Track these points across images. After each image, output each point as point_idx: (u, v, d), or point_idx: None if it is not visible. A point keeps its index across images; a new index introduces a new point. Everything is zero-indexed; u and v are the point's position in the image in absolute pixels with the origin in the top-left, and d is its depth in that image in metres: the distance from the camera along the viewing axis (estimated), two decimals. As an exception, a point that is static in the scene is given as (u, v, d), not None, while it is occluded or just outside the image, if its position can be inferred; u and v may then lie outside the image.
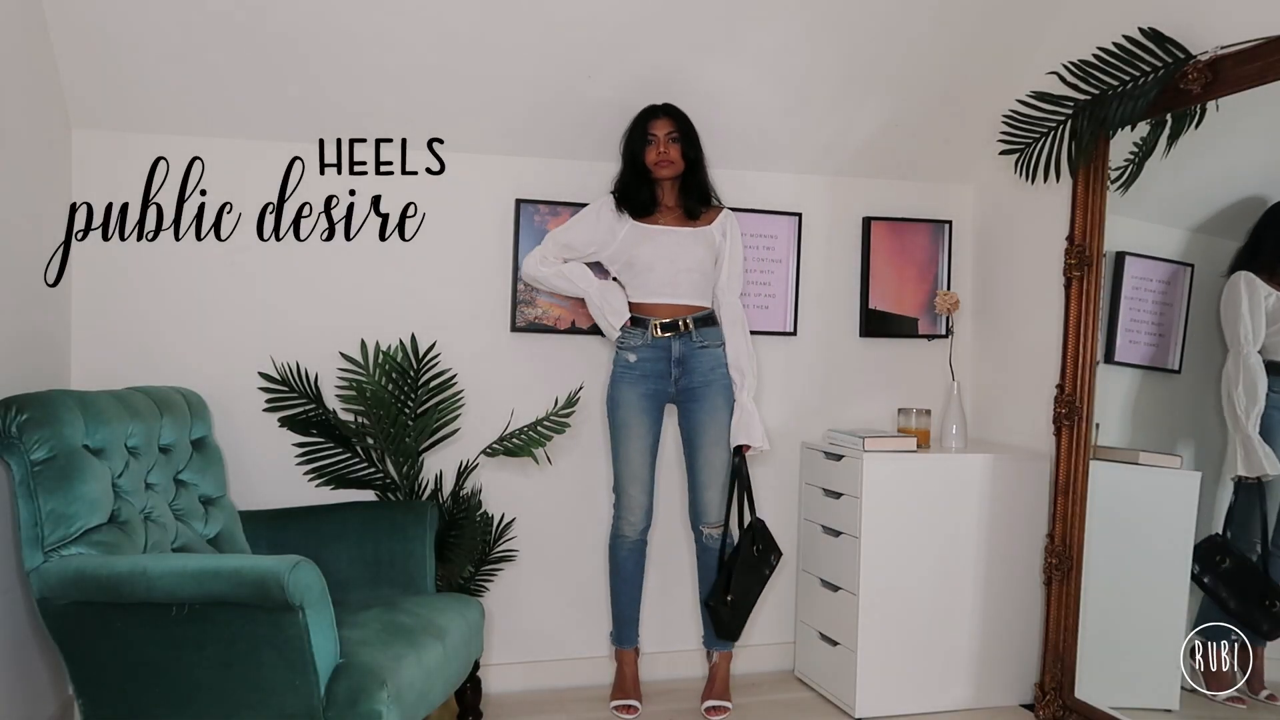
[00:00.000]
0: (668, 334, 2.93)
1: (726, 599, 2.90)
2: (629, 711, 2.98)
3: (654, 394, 2.96)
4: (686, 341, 2.94)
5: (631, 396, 2.94)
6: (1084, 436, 2.85)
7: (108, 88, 2.72)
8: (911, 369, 3.52)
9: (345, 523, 2.69)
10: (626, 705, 3.00)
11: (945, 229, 3.52)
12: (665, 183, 2.98)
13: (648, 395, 2.95)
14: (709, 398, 2.94)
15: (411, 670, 2.09)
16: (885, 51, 3.10)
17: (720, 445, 2.94)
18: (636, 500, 2.97)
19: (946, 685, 3.06)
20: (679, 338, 2.93)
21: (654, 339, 2.93)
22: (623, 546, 3.02)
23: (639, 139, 2.94)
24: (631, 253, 2.95)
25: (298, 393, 2.81)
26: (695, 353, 2.94)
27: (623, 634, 3.06)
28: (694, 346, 2.94)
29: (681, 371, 2.95)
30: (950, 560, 3.04)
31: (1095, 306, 2.85)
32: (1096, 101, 2.77)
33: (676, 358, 2.94)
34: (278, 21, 2.65)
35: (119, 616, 2.00)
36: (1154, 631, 2.74)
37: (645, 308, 2.96)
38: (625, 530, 3.00)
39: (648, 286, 2.95)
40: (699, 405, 2.95)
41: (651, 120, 2.93)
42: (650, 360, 2.94)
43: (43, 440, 2.06)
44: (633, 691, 3.03)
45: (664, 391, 2.97)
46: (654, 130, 2.92)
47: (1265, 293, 2.60)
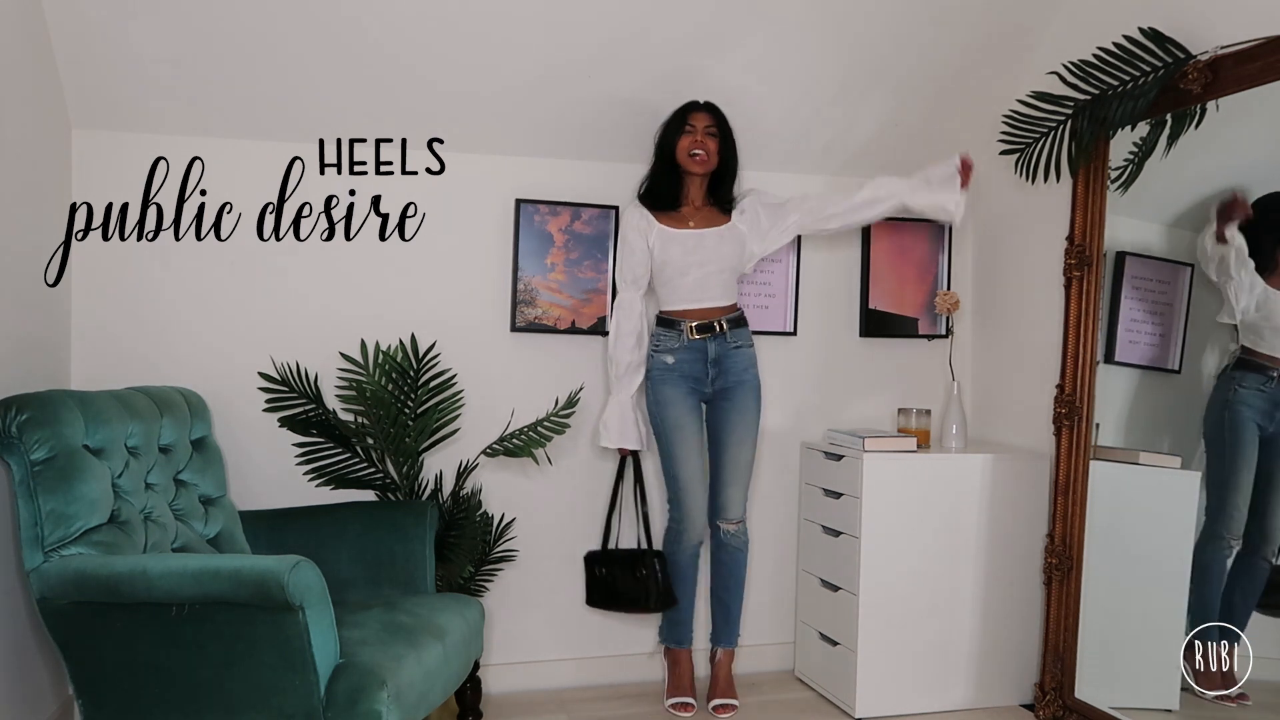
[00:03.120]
0: (703, 335, 2.95)
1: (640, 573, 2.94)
2: (687, 709, 2.99)
3: (693, 394, 2.98)
4: (721, 342, 2.96)
5: (677, 396, 2.95)
6: (1084, 436, 2.85)
7: (108, 88, 2.72)
8: (911, 369, 3.52)
9: (345, 523, 2.69)
10: (684, 703, 3.00)
11: (945, 229, 3.51)
12: (694, 179, 2.97)
13: (690, 394, 2.97)
14: (740, 397, 2.96)
15: (411, 670, 2.09)
16: (885, 52, 3.09)
17: (746, 444, 2.97)
18: (697, 504, 2.96)
19: (946, 685, 3.06)
20: (714, 339, 2.95)
21: (690, 341, 2.95)
22: (685, 551, 3.01)
23: (675, 129, 2.93)
24: (664, 258, 2.95)
25: (298, 393, 2.81)
26: (730, 353, 2.96)
27: (682, 634, 3.08)
28: (729, 347, 2.96)
29: (718, 372, 2.97)
30: (950, 560, 3.04)
31: (1095, 306, 2.85)
32: (1097, 101, 2.77)
33: (712, 358, 2.96)
34: (278, 22, 2.65)
35: (119, 617, 2.00)
36: (1154, 631, 2.74)
37: (679, 312, 2.97)
38: (690, 537, 2.98)
39: (679, 292, 2.96)
40: (730, 404, 2.97)
41: (692, 113, 2.93)
42: (688, 362, 2.96)
43: (43, 440, 2.06)
44: (689, 689, 3.04)
45: (700, 393, 2.99)
46: (693, 121, 2.92)
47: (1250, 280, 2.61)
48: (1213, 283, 2.65)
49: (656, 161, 2.99)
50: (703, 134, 2.91)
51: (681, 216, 2.98)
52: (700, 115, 2.93)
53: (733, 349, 2.96)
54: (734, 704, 3.02)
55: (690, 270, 2.93)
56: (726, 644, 3.08)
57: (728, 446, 2.98)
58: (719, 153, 2.94)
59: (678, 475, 2.96)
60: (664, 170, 2.97)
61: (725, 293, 2.98)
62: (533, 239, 3.12)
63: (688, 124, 2.92)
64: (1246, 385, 2.58)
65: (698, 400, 2.99)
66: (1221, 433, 2.61)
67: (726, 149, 2.96)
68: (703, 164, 2.92)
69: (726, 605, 3.07)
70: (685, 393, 2.95)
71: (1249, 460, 2.59)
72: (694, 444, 2.96)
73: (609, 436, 2.97)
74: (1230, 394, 2.59)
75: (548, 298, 3.15)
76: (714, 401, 3.00)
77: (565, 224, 3.16)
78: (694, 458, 2.96)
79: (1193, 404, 2.73)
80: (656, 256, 2.96)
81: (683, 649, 3.08)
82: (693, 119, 2.93)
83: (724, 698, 3.02)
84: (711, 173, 2.97)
